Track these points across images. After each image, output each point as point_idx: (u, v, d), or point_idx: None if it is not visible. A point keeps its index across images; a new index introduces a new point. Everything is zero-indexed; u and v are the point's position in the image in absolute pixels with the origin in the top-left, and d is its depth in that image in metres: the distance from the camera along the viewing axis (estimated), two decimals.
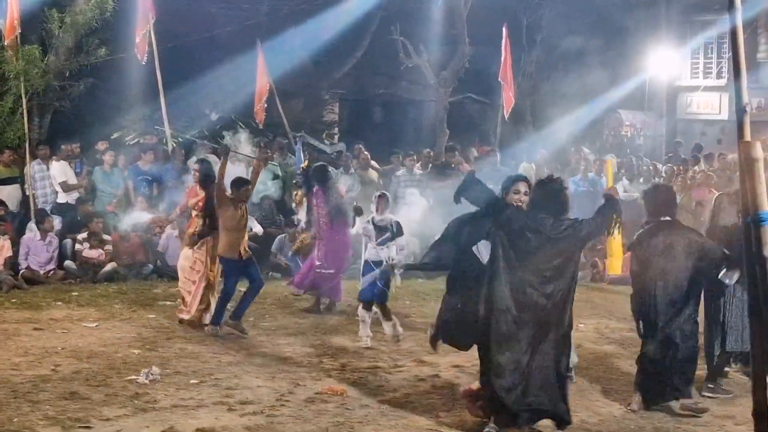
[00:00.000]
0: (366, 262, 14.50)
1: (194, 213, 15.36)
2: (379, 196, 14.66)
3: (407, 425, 10.22)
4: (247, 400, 10.98)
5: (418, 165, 23.25)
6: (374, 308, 14.32)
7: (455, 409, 10.86)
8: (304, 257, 18.12)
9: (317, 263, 16.68)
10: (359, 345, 14.03)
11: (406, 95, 33.01)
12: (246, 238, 15.16)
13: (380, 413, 10.63)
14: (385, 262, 14.20)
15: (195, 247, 15.07)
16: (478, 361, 12.87)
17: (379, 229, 14.34)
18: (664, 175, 24.18)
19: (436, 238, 11.00)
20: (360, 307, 14.35)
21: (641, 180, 23.87)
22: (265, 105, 23.94)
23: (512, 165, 23.69)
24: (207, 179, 15.24)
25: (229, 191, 14.81)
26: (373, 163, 23.68)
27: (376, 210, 14.46)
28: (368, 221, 14.45)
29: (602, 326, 15.79)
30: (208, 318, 14.85)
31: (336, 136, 30.47)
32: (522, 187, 10.22)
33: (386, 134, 32.62)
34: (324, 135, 29.37)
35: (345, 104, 33.82)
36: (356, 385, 11.85)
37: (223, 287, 14.91)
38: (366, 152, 23.74)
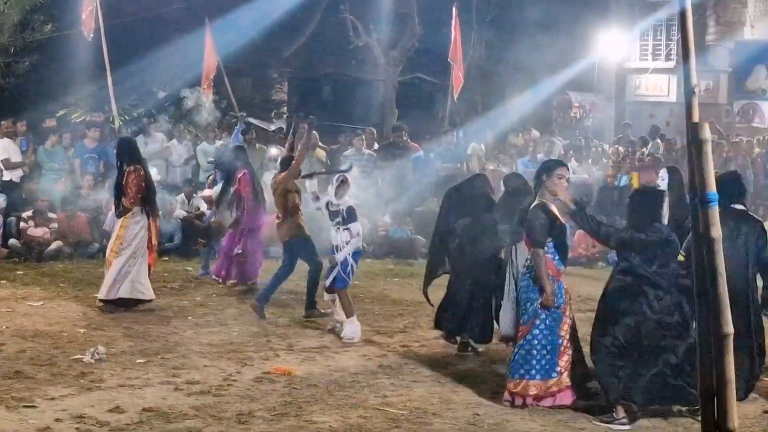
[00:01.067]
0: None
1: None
2: (342, 180, 13.82)
3: (355, 405, 10.19)
4: (194, 379, 10.91)
5: (366, 144, 23.17)
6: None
7: (402, 388, 10.86)
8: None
9: (239, 250, 16.48)
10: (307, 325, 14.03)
11: (356, 74, 32.91)
12: None
13: (328, 393, 10.61)
14: (335, 248, 13.66)
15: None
16: (424, 341, 12.95)
17: (333, 213, 13.72)
18: (612, 156, 24.27)
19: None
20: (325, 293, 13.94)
21: (590, 161, 23.95)
22: (213, 82, 23.76)
23: (462, 146, 23.73)
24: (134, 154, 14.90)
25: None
26: (320, 142, 23.56)
27: (335, 194, 13.70)
28: (324, 204, 13.90)
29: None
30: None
31: (284, 116, 30.34)
32: (566, 172, 10.44)
33: (335, 113, 32.53)
34: (273, 114, 29.25)
35: (294, 83, 33.67)
36: (304, 364, 11.81)
37: (287, 267, 14.86)
38: (315, 132, 23.60)
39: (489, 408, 10.26)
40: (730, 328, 4.90)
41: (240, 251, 16.51)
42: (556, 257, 10.24)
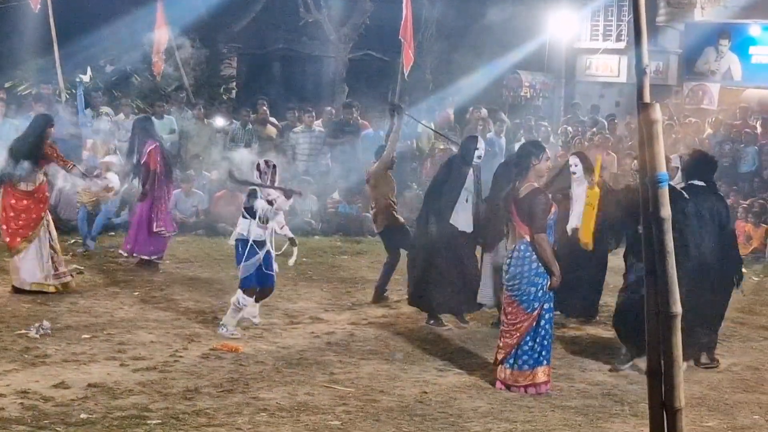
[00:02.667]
0: (245, 242, 12.15)
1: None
2: (274, 166, 12.38)
3: (302, 382, 10.18)
4: (139, 355, 10.85)
5: (317, 122, 23.08)
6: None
7: (350, 365, 10.85)
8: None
9: (159, 226, 16.14)
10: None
11: (306, 51, 32.73)
12: None
13: (275, 370, 10.59)
14: (268, 242, 12.21)
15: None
16: (372, 318, 12.96)
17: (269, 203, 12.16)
18: (562, 136, 24.33)
19: None
20: (241, 294, 12.12)
21: (540, 140, 23.95)
22: (164, 57, 23.55)
23: (412, 124, 23.66)
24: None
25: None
26: (271, 119, 23.46)
27: (270, 181, 12.24)
28: (260, 197, 12.12)
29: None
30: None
31: (234, 91, 30.16)
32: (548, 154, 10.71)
33: (285, 90, 32.36)
34: (222, 89, 29.07)
35: (243, 59, 33.41)
36: (251, 341, 11.77)
37: (391, 257, 14.58)
38: (266, 107, 23.52)
39: (436, 386, 10.27)
40: (678, 307, 4.91)
41: (162, 229, 16.26)
42: (552, 239, 10.24)
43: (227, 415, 8.98)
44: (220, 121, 22.57)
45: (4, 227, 14.10)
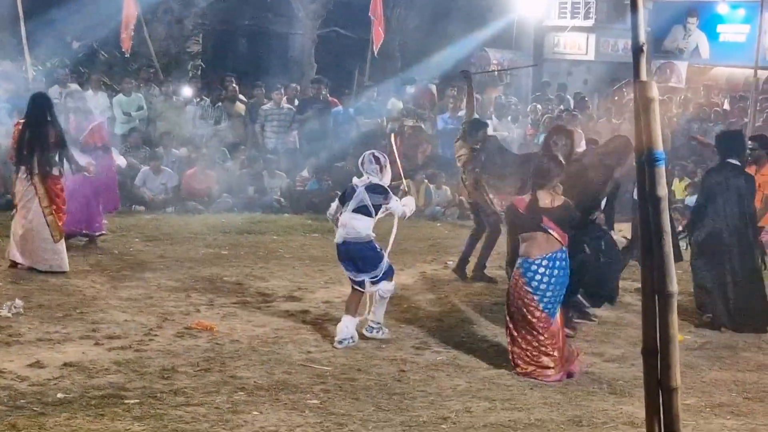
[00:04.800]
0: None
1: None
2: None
3: (279, 360, 10.14)
4: (114, 334, 10.77)
5: (285, 99, 22.95)
6: None
7: (326, 344, 10.80)
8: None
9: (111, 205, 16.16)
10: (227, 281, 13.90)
11: (273, 28, 32.53)
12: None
13: (251, 348, 10.54)
14: None
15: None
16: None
17: None
18: (530, 114, 24.33)
19: None
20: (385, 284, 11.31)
21: (509, 119, 23.97)
22: (132, 33, 23.33)
23: (380, 101, 23.64)
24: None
25: None
26: (240, 96, 23.32)
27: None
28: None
29: (471, 263, 15.82)
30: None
31: (200, 68, 29.95)
32: None
33: (252, 67, 32.18)
34: (189, 66, 28.86)
35: (209, 35, 33.17)
36: (226, 320, 11.71)
37: (477, 228, 14.78)
38: (235, 85, 23.37)
39: (414, 364, 10.26)
40: (674, 286, 4.87)
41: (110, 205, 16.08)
42: None
43: (205, 394, 8.92)
44: (187, 91, 22.44)
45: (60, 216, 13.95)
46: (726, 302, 12.23)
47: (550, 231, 9.98)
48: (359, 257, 11.03)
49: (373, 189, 11.05)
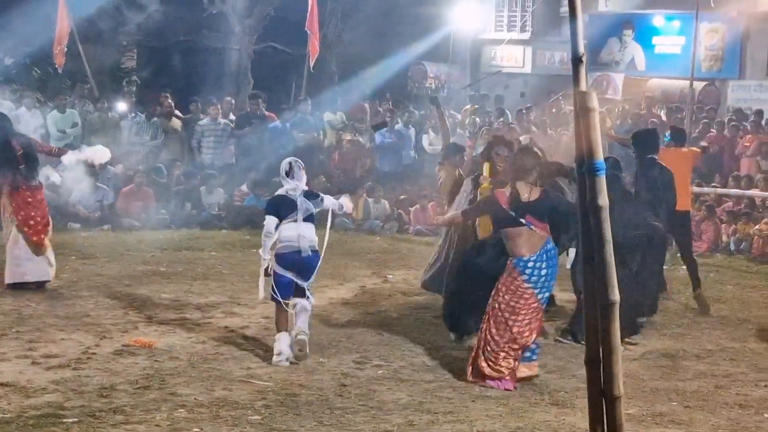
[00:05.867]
0: None
1: None
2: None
3: (219, 376, 10.05)
4: (51, 353, 10.62)
5: (221, 114, 22.80)
6: None
7: (266, 359, 10.72)
8: None
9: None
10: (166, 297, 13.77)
11: (209, 43, 32.40)
12: None
13: (190, 365, 10.44)
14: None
15: None
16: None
17: None
18: (468, 127, 24.35)
19: None
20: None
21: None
22: (65, 49, 23.12)
23: (317, 115, 23.60)
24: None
25: None
26: (176, 111, 23.16)
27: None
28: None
29: (411, 276, 15.84)
30: None
31: (135, 84, 29.76)
32: None
33: (187, 82, 32.03)
34: (124, 82, 28.68)
35: (144, 51, 33.00)
36: (164, 337, 11.59)
37: None
38: (170, 100, 23.22)
39: (355, 378, 10.20)
40: (616, 295, 4.88)
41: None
42: None
43: (145, 412, 8.82)
44: (121, 107, 22.28)
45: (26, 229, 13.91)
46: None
47: (533, 228, 10.00)
48: (312, 266, 11.03)
49: (308, 196, 11.13)
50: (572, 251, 11.95)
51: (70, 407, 8.87)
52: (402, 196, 21.81)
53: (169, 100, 23.13)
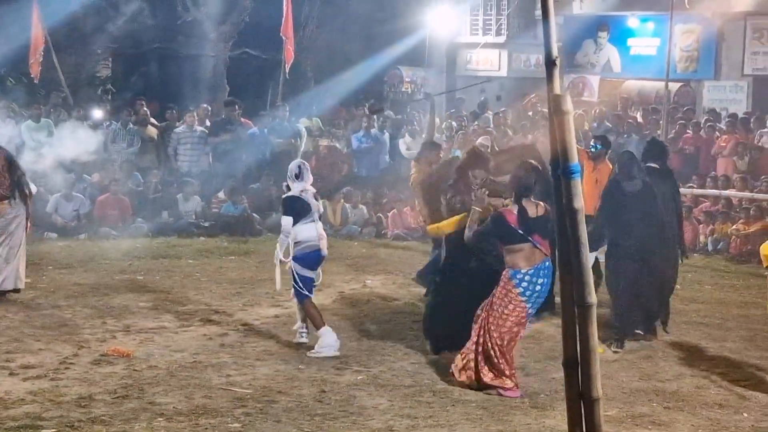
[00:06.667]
0: None
1: None
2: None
3: (198, 384, 10.02)
4: (29, 364, 10.57)
5: (197, 121, 22.70)
6: None
7: (246, 367, 10.70)
8: None
9: None
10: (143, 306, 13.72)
11: (184, 50, 32.27)
12: None
13: (169, 374, 10.40)
14: None
15: None
16: (264, 319, 12.82)
17: None
18: (445, 131, 24.34)
19: None
20: None
21: (423, 136, 23.93)
22: (41, 59, 23.01)
23: (293, 121, 23.55)
24: None
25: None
26: (152, 119, 23.07)
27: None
28: None
29: (389, 281, 15.84)
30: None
31: (110, 92, 29.66)
32: None
33: (162, 90, 31.93)
34: (99, 90, 28.58)
35: (119, 59, 32.88)
36: (143, 346, 11.55)
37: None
38: (146, 108, 23.13)
39: (334, 384, 10.19)
40: (593, 297, 4.88)
41: None
42: None
43: (124, 422, 8.79)
44: (98, 123, 22.15)
45: None
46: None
47: (538, 246, 9.97)
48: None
49: (315, 196, 11.72)
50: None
51: (48, 418, 8.83)
52: (384, 200, 21.79)
53: (145, 108, 23.04)
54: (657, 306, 12.46)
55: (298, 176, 11.53)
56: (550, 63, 5.01)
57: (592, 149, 14.79)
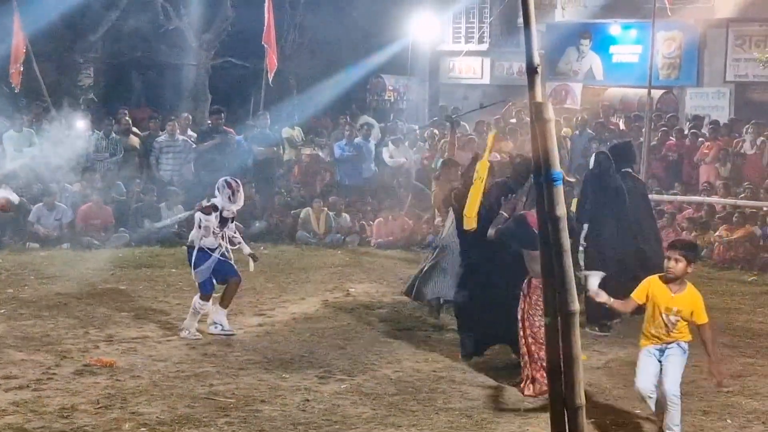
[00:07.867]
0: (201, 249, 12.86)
1: None
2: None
3: (181, 394, 9.99)
4: (11, 374, 10.52)
5: (179, 130, 22.62)
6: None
7: (229, 376, 10.67)
8: None
9: None
10: (126, 315, 13.66)
11: (166, 59, 32.24)
12: None
13: (152, 383, 10.36)
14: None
15: None
16: (247, 327, 12.78)
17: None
18: (428, 139, 24.35)
19: None
20: (198, 299, 12.66)
21: (407, 144, 23.96)
22: (21, 68, 22.91)
23: (275, 129, 23.51)
24: None
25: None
26: (134, 128, 23.01)
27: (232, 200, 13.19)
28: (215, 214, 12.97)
29: (373, 290, 15.81)
30: None
31: (92, 101, 29.59)
32: None
33: (145, 99, 31.92)
34: (81, 100, 28.51)
35: (101, 68, 32.82)
36: (125, 355, 11.50)
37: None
38: (128, 117, 23.07)
39: (318, 393, 10.16)
40: (576, 305, 4.86)
41: None
42: None
43: None
44: (80, 132, 22.08)
45: None
46: None
47: None
48: None
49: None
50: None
51: (30, 429, 8.81)
52: (368, 208, 21.75)
53: (127, 117, 22.99)
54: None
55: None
56: (531, 70, 4.99)
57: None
